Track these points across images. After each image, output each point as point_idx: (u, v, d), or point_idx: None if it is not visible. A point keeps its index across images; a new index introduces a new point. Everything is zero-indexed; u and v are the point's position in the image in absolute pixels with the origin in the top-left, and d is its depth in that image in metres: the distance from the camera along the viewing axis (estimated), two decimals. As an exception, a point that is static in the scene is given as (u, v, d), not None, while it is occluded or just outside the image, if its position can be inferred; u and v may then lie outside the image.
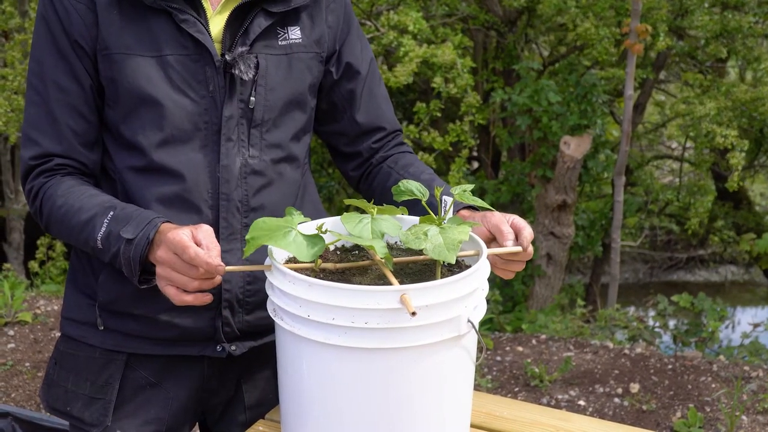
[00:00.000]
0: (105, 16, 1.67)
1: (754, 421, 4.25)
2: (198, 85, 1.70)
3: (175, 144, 1.71)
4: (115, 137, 1.74)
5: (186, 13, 1.67)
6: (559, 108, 7.09)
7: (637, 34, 6.70)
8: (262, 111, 1.76)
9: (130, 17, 1.67)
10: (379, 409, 1.42)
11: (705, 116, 7.39)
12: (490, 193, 7.89)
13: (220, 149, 1.73)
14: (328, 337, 1.38)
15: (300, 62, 1.81)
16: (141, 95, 1.68)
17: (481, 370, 4.90)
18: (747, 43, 7.89)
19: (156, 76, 1.68)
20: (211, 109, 1.72)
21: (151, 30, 1.68)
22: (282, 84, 1.79)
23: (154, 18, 1.68)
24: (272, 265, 1.48)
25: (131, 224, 1.60)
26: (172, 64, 1.69)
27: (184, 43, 1.69)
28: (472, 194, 1.60)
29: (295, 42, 1.80)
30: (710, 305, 5.88)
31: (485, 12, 8.16)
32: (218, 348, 1.79)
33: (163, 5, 1.66)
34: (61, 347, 1.87)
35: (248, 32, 1.73)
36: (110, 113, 1.73)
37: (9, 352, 4.95)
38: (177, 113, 1.69)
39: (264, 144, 1.78)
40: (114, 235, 1.60)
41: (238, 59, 1.71)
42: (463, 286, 1.42)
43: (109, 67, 1.68)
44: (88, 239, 1.64)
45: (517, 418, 1.88)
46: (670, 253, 12.28)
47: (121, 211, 1.63)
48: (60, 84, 1.70)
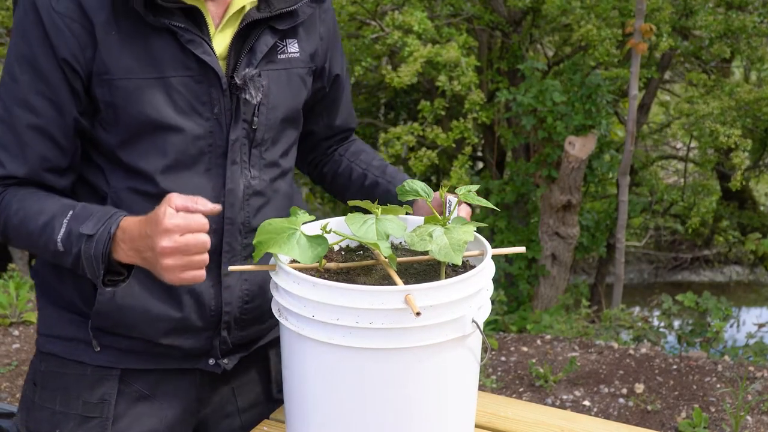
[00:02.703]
0: (104, 37, 1.57)
1: (759, 421, 4.24)
2: (202, 107, 1.64)
3: (179, 169, 1.64)
4: (111, 159, 1.66)
5: (191, 32, 1.60)
6: (563, 108, 7.08)
7: (641, 33, 6.69)
8: (264, 131, 1.72)
9: (131, 37, 1.58)
10: (383, 409, 1.42)
11: (708, 115, 7.38)
12: (495, 193, 7.88)
13: (225, 173, 1.68)
14: (333, 337, 1.38)
15: (297, 77, 1.78)
16: (144, 121, 1.60)
17: (486, 371, 4.89)
18: (751, 42, 7.87)
19: (159, 101, 1.60)
20: (216, 131, 1.66)
21: (152, 50, 1.59)
22: (282, 101, 1.75)
23: (156, 37, 1.59)
24: (277, 266, 1.48)
25: (91, 220, 1.53)
26: (175, 86, 1.61)
27: (187, 64, 1.61)
28: (477, 194, 1.60)
29: (293, 56, 1.76)
30: (715, 304, 5.87)
31: (490, 12, 8.16)
32: (210, 362, 1.78)
33: (166, 24, 1.58)
34: (41, 367, 1.78)
35: (254, 51, 1.68)
36: (105, 136, 1.64)
37: (14, 353, 4.95)
38: (182, 138, 1.63)
39: (263, 163, 1.74)
40: (74, 233, 1.53)
41: (249, 82, 1.65)
42: (467, 286, 1.42)
43: (110, 92, 1.59)
44: (48, 243, 1.56)
45: (521, 418, 1.88)
46: (674, 253, 12.26)
47: (81, 209, 1.57)
48: (33, 105, 1.58)
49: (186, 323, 1.70)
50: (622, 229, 7.29)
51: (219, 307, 1.72)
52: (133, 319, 1.68)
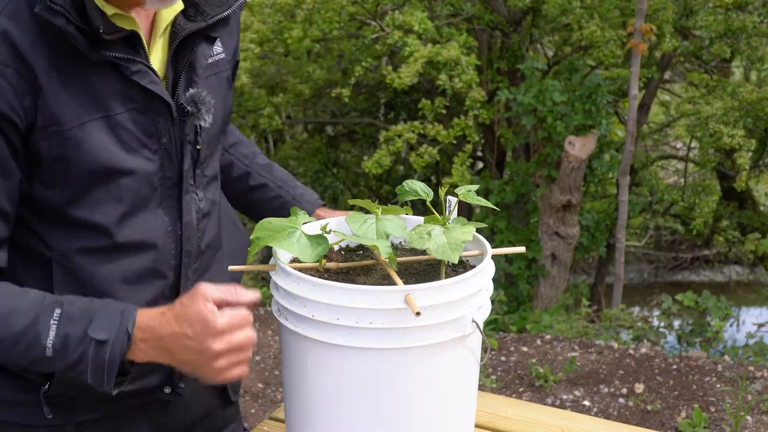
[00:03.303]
0: (47, 84, 1.37)
1: (759, 421, 4.24)
2: (150, 140, 1.47)
3: (136, 213, 1.48)
4: (53, 218, 1.45)
5: (135, 62, 1.42)
6: (563, 108, 7.08)
7: (642, 33, 6.69)
8: (205, 148, 1.58)
9: (71, 78, 1.39)
10: (383, 409, 1.42)
11: (712, 116, 7.39)
12: (495, 193, 7.89)
13: (180, 205, 1.54)
14: (333, 337, 1.38)
15: (225, 80, 1.64)
16: (97, 170, 1.42)
17: (486, 370, 4.89)
18: (751, 42, 7.87)
19: (108, 142, 1.42)
20: (165, 163, 1.50)
21: (93, 88, 1.41)
22: (218, 111, 1.59)
23: (96, 73, 1.41)
24: (277, 265, 1.48)
25: (97, 320, 1.35)
26: (121, 122, 1.43)
27: (131, 95, 1.44)
28: (477, 194, 1.60)
29: (220, 58, 1.61)
30: (715, 304, 5.88)
31: (490, 12, 8.16)
32: (166, 390, 1.63)
33: (108, 57, 1.39)
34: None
35: (194, 66, 1.52)
36: (49, 195, 1.42)
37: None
38: (134, 179, 1.46)
39: (205, 181, 1.61)
40: (74, 338, 1.34)
41: (200, 105, 1.51)
42: (467, 286, 1.42)
43: (59, 144, 1.38)
44: (30, 349, 1.34)
45: (521, 418, 1.88)
46: (674, 253, 12.26)
47: (69, 306, 1.37)
48: None
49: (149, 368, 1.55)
50: (622, 229, 7.29)
51: None
52: None
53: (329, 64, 9.46)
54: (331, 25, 7.73)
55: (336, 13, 7.81)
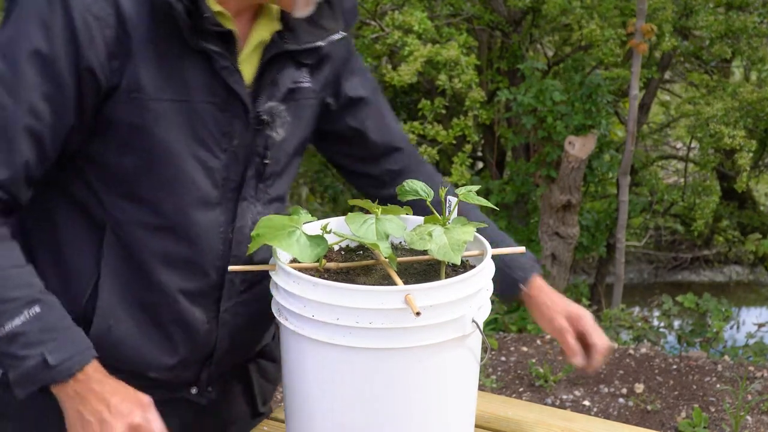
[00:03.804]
0: (141, 52, 1.44)
1: (759, 421, 4.24)
2: (222, 138, 1.54)
3: (191, 203, 1.54)
4: (119, 186, 1.52)
5: (226, 58, 1.50)
6: (563, 108, 7.08)
7: (643, 33, 6.69)
8: (273, 165, 1.64)
9: (166, 56, 1.46)
10: (383, 409, 1.42)
11: (712, 117, 7.38)
12: (495, 193, 7.88)
13: (237, 209, 1.60)
14: (333, 337, 1.38)
15: (308, 108, 1.69)
16: (166, 149, 1.49)
17: (486, 370, 4.89)
18: (752, 43, 7.87)
19: (182, 126, 1.49)
20: (231, 165, 1.57)
21: (183, 73, 1.48)
22: (292, 134, 1.66)
23: (189, 59, 1.48)
24: (277, 265, 1.48)
25: (57, 341, 1.40)
26: (199, 113, 1.50)
27: (215, 91, 1.51)
28: (477, 194, 1.60)
29: (305, 87, 1.66)
30: (715, 305, 5.87)
31: (490, 12, 8.16)
32: (193, 390, 1.71)
33: (204, 47, 1.47)
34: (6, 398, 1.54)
35: (278, 84, 1.59)
36: (117, 160, 1.50)
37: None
38: (199, 170, 1.53)
39: (267, 198, 1.66)
40: (28, 340, 1.38)
41: (276, 117, 1.58)
42: (467, 286, 1.42)
43: (139, 113, 1.46)
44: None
45: (521, 418, 1.88)
46: (674, 253, 12.26)
47: (47, 311, 1.41)
48: (36, 108, 1.40)
49: (179, 362, 1.64)
50: (623, 229, 7.29)
51: (213, 343, 1.67)
52: (125, 354, 1.59)
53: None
54: (332, 26, 7.71)
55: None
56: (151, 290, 1.57)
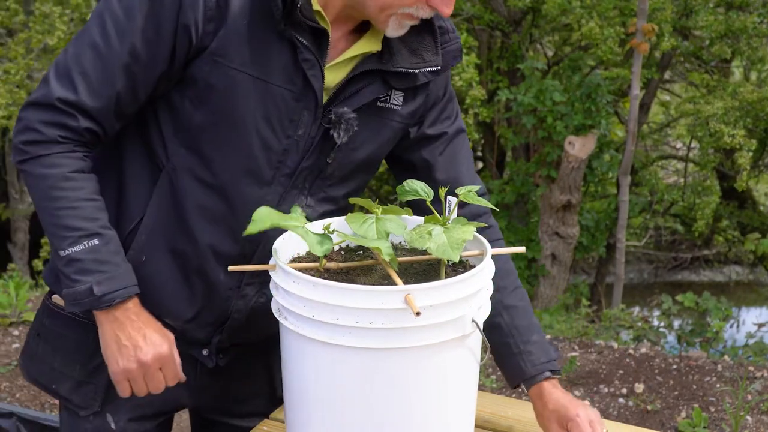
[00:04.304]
0: (233, 21, 1.57)
1: (759, 421, 4.24)
2: (289, 124, 1.63)
3: (243, 173, 1.64)
4: (183, 136, 1.65)
5: (311, 52, 1.59)
6: (563, 108, 7.08)
7: (644, 33, 6.69)
8: (336, 167, 1.71)
9: (257, 33, 1.58)
10: (383, 409, 1.42)
11: (712, 116, 7.39)
12: (495, 193, 7.89)
13: (284, 193, 1.68)
14: (333, 337, 1.38)
15: (390, 130, 1.75)
16: (233, 115, 1.60)
17: (486, 370, 4.89)
18: (752, 43, 7.87)
19: (255, 101, 1.60)
20: (291, 152, 1.65)
21: (269, 53, 1.59)
22: (365, 146, 1.72)
23: (277, 43, 1.59)
24: (276, 265, 1.48)
25: (106, 274, 1.58)
26: (274, 94, 1.60)
27: (294, 79, 1.61)
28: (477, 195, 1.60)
29: (394, 108, 1.73)
30: (715, 304, 5.87)
31: (490, 12, 8.16)
32: (204, 352, 1.79)
33: (293, 36, 1.58)
34: (46, 322, 1.81)
35: (359, 95, 1.66)
36: (191, 113, 1.63)
37: (14, 352, 4.95)
38: (258, 145, 1.62)
39: (322, 196, 1.73)
40: (82, 267, 1.57)
41: (343, 122, 1.64)
42: (467, 286, 1.42)
43: (217, 75, 1.59)
44: (55, 239, 1.59)
45: (521, 418, 1.88)
46: (674, 253, 12.27)
47: (103, 245, 1.59)
48: (136, 50, 1.56)
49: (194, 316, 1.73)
50: (623, 229, 7.29)
51: (228, 312, 1.74)
52: (148, 291, 1.68)
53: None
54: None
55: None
56: (186, 239, 1.67)
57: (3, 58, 8.28)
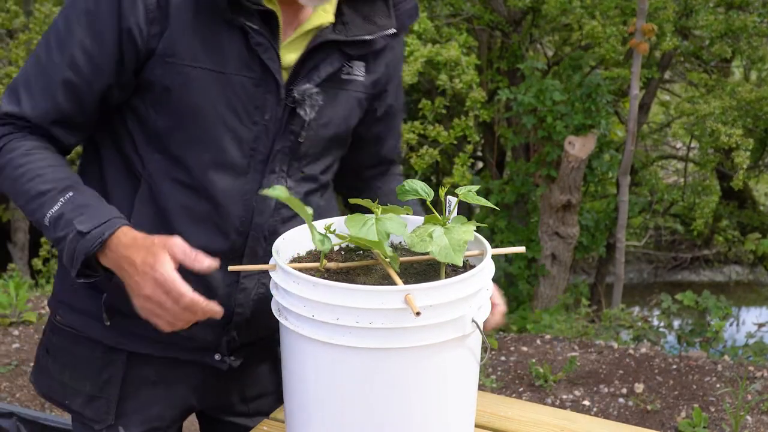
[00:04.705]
0: (177, 19, 1.55)
1: (759, 421, 4.24)
2: (254, 111, 1.63)
3: (217, 167, 1.64)
4: (153, 142, 1.64)
5: (263, 36, 1.59)
6: (563, 108, 7.08)
7: (643, 33, 6.69)
8: (309, 146, 1.71)
9: (203, 26, 1.57)
10: (383, 409, 1.42)
11: (710, 115, 7.39)
12: (495, 193, 7.89)
13: (262, 180, 1.67)
14: (333, 337, 1.38)
15: (354, 100, 1.76)
16: (197, 113, 1.59)
17: (486, 370, 4.89)
18: (752, 42, 7.87)
19: (215, 95, 1.59)
20: (261, 138, 1.65)
21: (220, 44, 1.58)
22: (333, 120, 1.73)
23: (227, 33, 1.58)
24: (277, 265, 1.48)
25: (87, 214, 1.52)
26: (234, 84, 1.60)
27: (251, 66, 1.60)
28: (477, 194, 1.60)
29: (356, 79, 1.74)
30: (714, 303, 5.87)
31: (490, 12, 8.16)
32: (216, 357, 1.79)
33: (241, 23, 1.57)
34: (54, 339, 1.81)
35: (319, 69, 1.66)
36: (154, 118, 1.62)
37: (14, 352, 4.95)
38: (229, 137, 1.62)
39: (300, 176, 1.73)
40: (65, 219, 1.52)
41: (306, 98, 1.64)
42: (467, 286, 1.42)
43: (170, 76, 1.57)
44: (37, 211, 1.55)
45: (521, 418, 1.88)
46: (674, 253, 12.27)
47: (79, 194, 1.55)
48: (76, 62, 1.56)
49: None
50: (622, 229, 7.29)
51: (231, 307, 1.72)
52: None
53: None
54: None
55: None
56: None
57: (3, 59, 8.27)
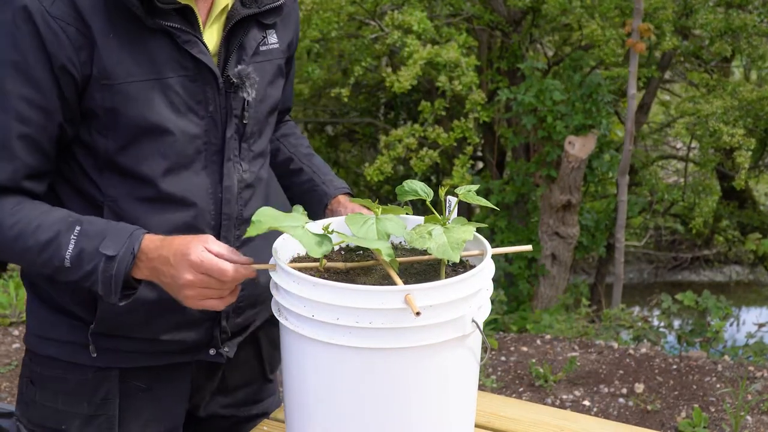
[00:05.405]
0: (102, 41, 1.54)
1: (759, 421, 4.24)
2: (198, 106, 1.64)
3: (179, 170, 1.64)
4: (106, 165, 1.63)
5: (187, 32, 1.59)
6: (563, 108, 7.08)
7: (640, 33, 6.70)
8: (252, 124, 1.74)
9: (128, 40, 1.56)
10: (383, 409, 1.42)
11: (712, 114, 7.38)
12: (495, 193, 7.88)
13: (222, 170, 1.69)
14: (333, 337, 1.38)
15: (277, 68, 1.79)
16: (144, 125, 1.59)
17: (486, 370, 4.89)
18: (752, 42, 7.87)
19: (158, 103, 1.59)
20: (211, 130, 1.66)
21: (149, 52, 1.58)
22: (266, 93, 1.76)
23: (151, 39, 1.58)
24: (277, 265, 1.48)
25: (109, 239, 1.53)
26: (172, 87, 1.60)
27: (183, 64, 1.61)
28: (477, 194, 1.60)
29: (273, 47, 1.77)
30: (714, 303, 5.87)
31: (490, 12, 8.16)
32: (211, 352, 1.80)
33: (162, 25, 1.56)
34: (37, 369, 1.78)
35: (244, 47, 1.69)
36: (103, 142, 1.61)
37: (14, 352, 4.95)
38: (180, 139, 1.62)
39: (251, 156, 1.76)
40: (88, 252, 1.52)
41: (245, 79, 1.66)
42: (467, 286, 1.42)
43: (111, 97, 1.56)
44: (52, 259, 1.53)
45: (521, 418, 1.88)
46: (674, 253, 12.26)
47: (89, 225, 1.55)
48: (23, 115, 1.53)
49: (187, 317, 1.72)
50: (622, 229, 7.29)
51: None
52: (136, 320, 1.68)
53: (329, 64, 9.46)
54: (330, 26, 7.73)
55: (335, 14, 7.81)
56: None
57: None
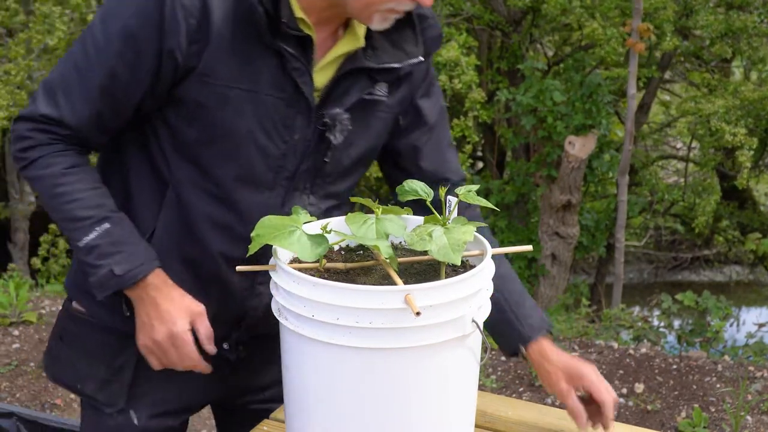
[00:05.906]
0: (217, 40, 1.59)
1: (759, 421, 4.24)
2: (284, 130, 1.67)
3: (245, 182, 1.69)
4: (183, 151, 1.68)
5: (298, 60, 1.62)
6: (563, 108, 7.08)
7: (639, 33, 6.70)
8: (333, 166, 1.75)
9: (240, 50, 1.61)
10: (383, 409, 1.42)
11: (713, 114, 7.39)
12: (495, 193, 7.89)
13: (286, 195, 1.72)
14: (333, 337, 1.38)
15: (379, 120, 1.78)
16: (229, 129, 1.64)
17: (486, 370, 4.89)
18: (752, 42, 7.87)
19: (249, 115, 1.63)
20: (289, 156, 1.69)
21: (255, 66, 1.62)
22: (359, 142, 1.76)
23: (262, 56, 1.62)
24: (277, 265, 1.48)
25: (124, 253, 1.63)
26: (266, 104, 1.64)
27: (284, 87, 1.64)
28: (477, 194, 1.60)
29: (380, 99, 1.75)
30: (714, 303, 5.87)
31: (490, 12, 8.16)
32: (225, 346, 1.83)
33: (279, 46, 1.61)
34: (68, 327, 1.86)
35: (349, 93, 1.70)
36: (186, 130, 1.66)
37: (14, 353, 4.95)
38: (257, 153, 1.66)
39: (323, 193, 1.78)
40: (100, 251, 1.62)
41: (337, 123, 1.68)
42: (467, 286, 1.42)
43: (206, 94, 1.62)
44: (72, 232, 1.65)
45: (521, 418, 1.88)
46: (674, 253, 12.26)
47: (115, 227, 1.64)
48: (115, 71, 1.60)
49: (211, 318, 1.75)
50: (622, 229, 7.29)
51: (244, 310, 1.80)
52: None
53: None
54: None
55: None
56: (197, 248, 1.72)
57: (3, 59, 8.27)
